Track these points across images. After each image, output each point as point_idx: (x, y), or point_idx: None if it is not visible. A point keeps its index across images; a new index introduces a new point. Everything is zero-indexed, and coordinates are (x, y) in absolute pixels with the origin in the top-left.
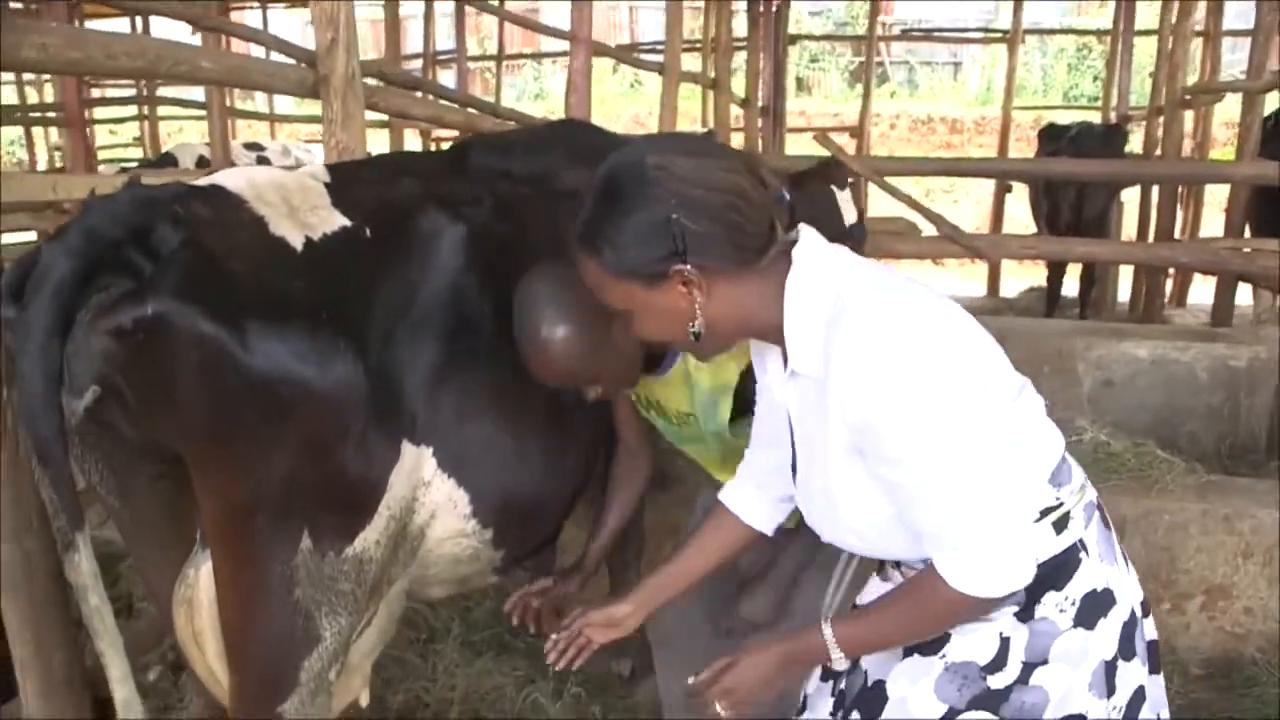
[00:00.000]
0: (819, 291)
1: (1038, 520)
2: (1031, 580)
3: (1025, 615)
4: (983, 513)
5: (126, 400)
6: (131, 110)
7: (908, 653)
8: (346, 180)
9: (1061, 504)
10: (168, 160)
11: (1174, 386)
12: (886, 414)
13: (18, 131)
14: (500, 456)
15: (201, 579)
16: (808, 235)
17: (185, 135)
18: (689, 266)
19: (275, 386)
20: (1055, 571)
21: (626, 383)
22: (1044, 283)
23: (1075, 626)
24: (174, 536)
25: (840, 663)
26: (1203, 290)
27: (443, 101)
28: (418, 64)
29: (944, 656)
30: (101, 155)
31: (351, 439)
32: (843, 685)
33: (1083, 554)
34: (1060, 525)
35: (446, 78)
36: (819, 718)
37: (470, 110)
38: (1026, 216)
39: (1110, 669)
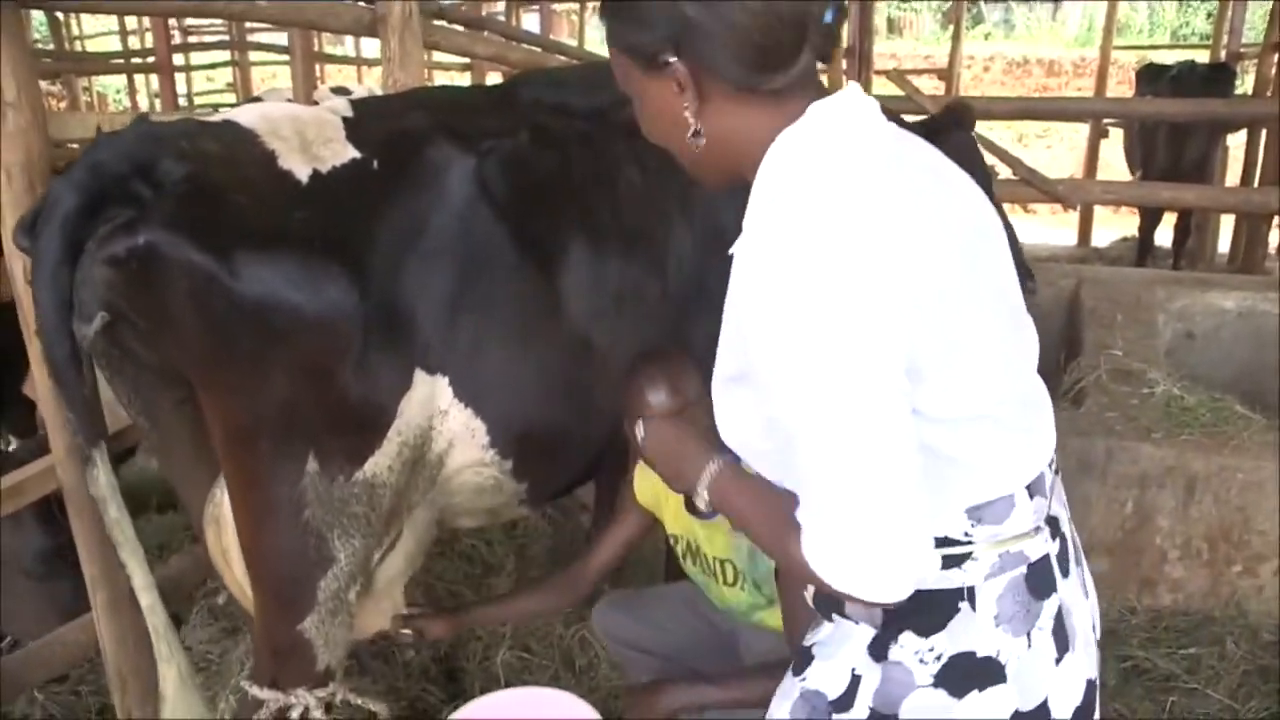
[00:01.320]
0: (799, 148)
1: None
2: (890, 611)
3: (878, 653)
4: (854, 487)
5: (135, 324)
6: (225, 56)
7: (791, 669)
8: (366, 114)
9: (970, 541)
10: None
11: (1262, 340)
12: (763, 329)
13: (122, 79)
14: (520, 389)
15: (226, 498)
16: (847, 94)
17: (278, 80)
18: (678, 60)
19: (266, 312)
20: (922, 610)
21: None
22: (1137, 232)
23: (935, 686)
24: (201, 458)
25: (702, 497)
26: None
27: (507, 41)
28: (501, 5)
29: (804, 680)
30: (198, 100)
31: (350, 363)
32: None
33: (964, 604)
34: (950, 561)
35: (530, 19)
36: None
37: (532, 48)
38: (1123, 163)
39: None
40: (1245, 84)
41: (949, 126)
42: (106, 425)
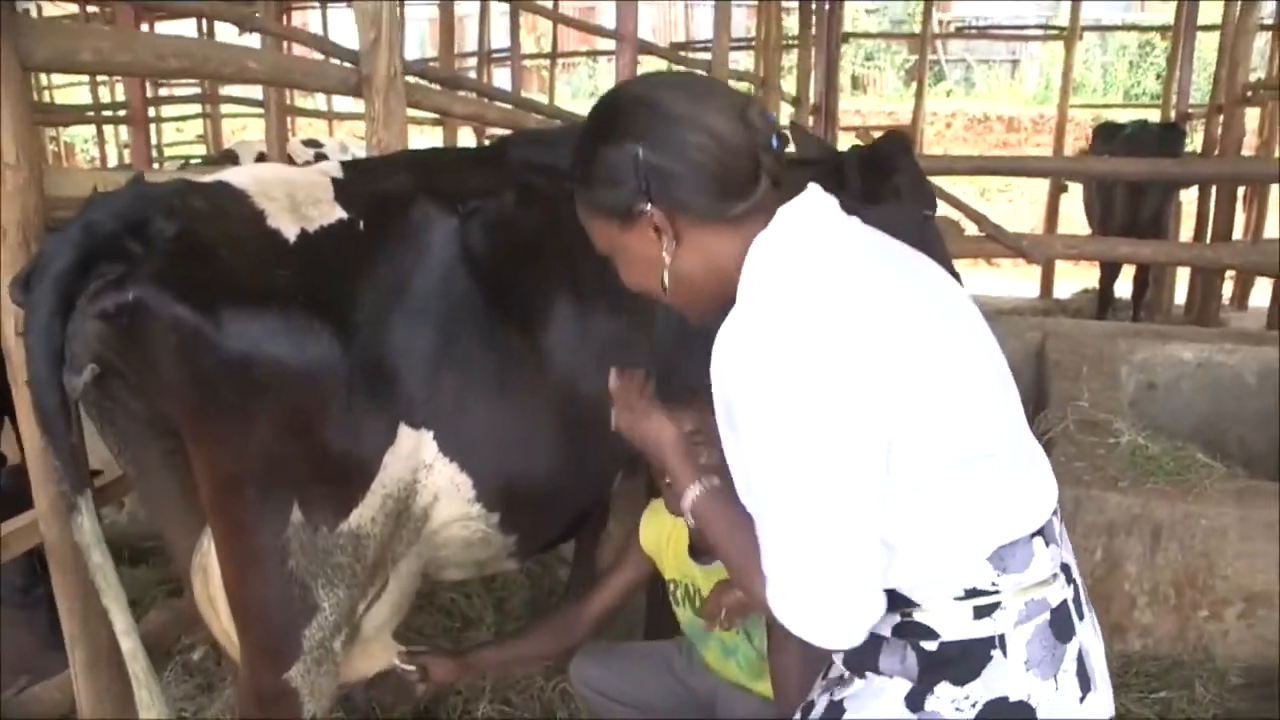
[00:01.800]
0: (771, 251)
1: (960, 599)
2: (925, 655)
3: (914, 704)
4: (810, 555)
5: (126, 377)
6: (196, 108)
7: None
8: (355, 176)
9: (997, 590)
10: (229, 157)
11: (1221, 390)
12: (739, 391)
13: (91, 130)
14: (505, 443)
15: (213, 547)
16: (809, 196)
17: (248, 132)
18: (652, 207)
19: (251, 366)
20: (957, 660)
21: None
22: (1098, 285)
23: None
24: (190, 507)
25: (688, 518)
26: (1266, 293)
27: (484, 100)
28: (473, 62)
29: None
30: (168, 152)
31: (333, 417)
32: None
33: (996, 652)
34: (982, 612)
35: (502, 76)
36: None
37: (507, 107)
38: (1083, 217)
39: None
40: (1195, 142)
41: (895, 153)
42: (90, 476)
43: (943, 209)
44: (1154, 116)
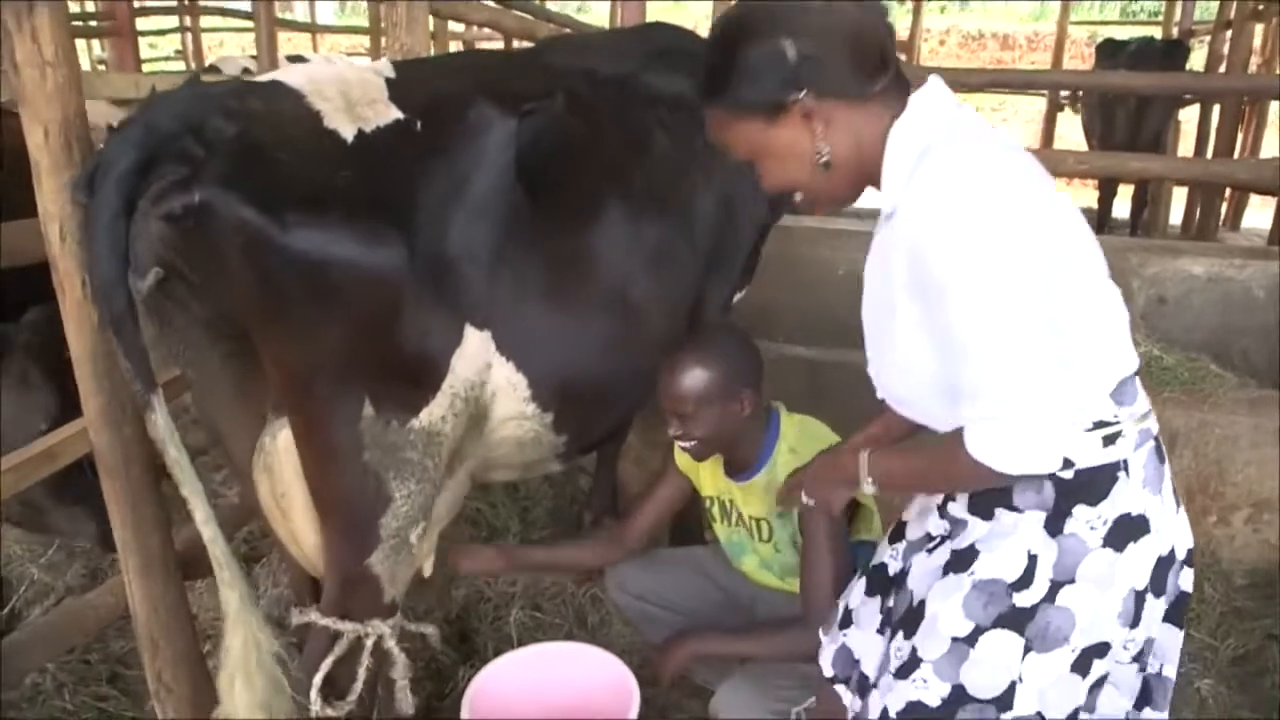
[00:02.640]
0: (918, 133)
1: (1090, 430)
2: (1062, 484)
3: (1054, 529)
4: (1021, 380)
5: (188, 279)
6: (174, 21)
7: (945, 570)
8: (408, 76)
9: (1118, 421)
10: (211, 72)
11: (1229, 304)
12: (941, 245)
13: None
14: (559, 342)
15: (280, 445)
16: (930, 87)
17: (225, 49)
18: (806, 93)
19: (316, 268)
20: (1091, 485)
21: (707, 445)
22: (1094, 204)
23: (1104, 546)
24: (249, 409)
25: (868, 487)
26: (1258, 215)
27: (496, 5)
28: None
29: (972, 574)
30: (144, 69)
31: (404, 319)
32: (890, 602)
33: (1122, 474)
34: (1109, 440)
35: None
36: (864, 633)
37: (524, 16)
38: (1077, 136)
39: (1139, 600)
40: (1196, 60)
41: None
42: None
43: None
44: (1155, 34)
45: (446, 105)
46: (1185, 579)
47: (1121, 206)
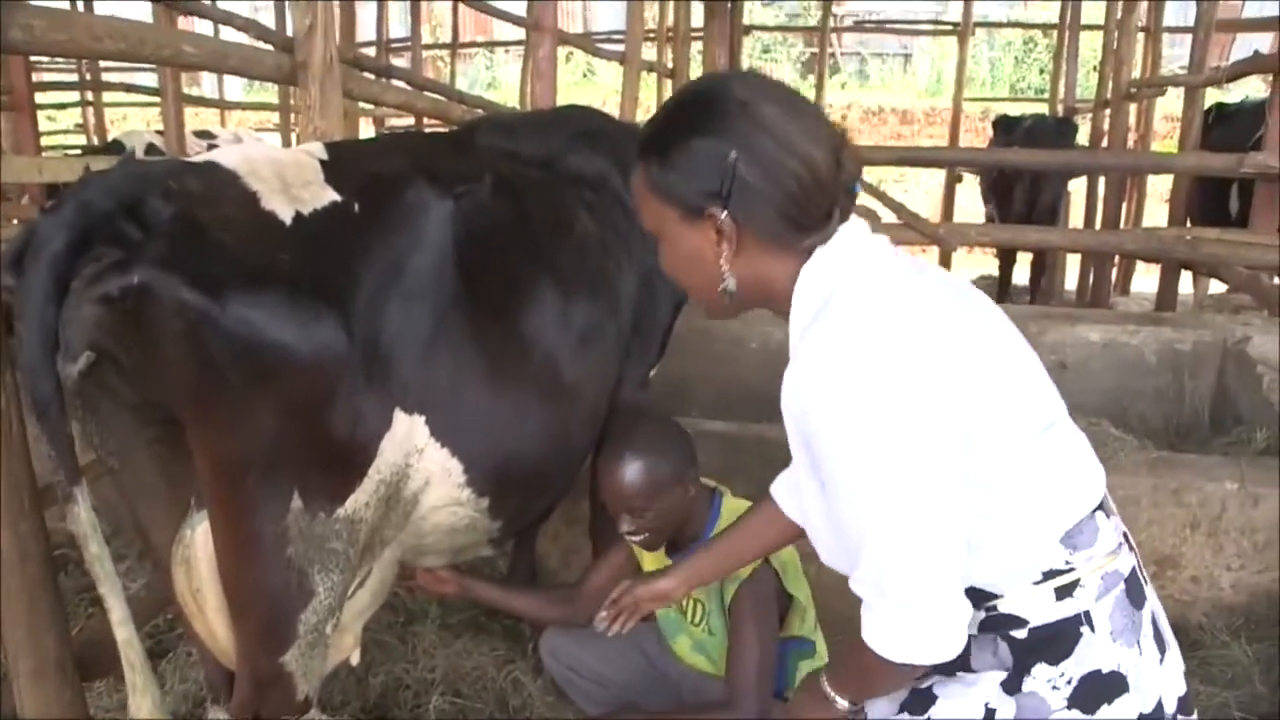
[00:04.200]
0: (823, 282)
1: (1039, 583)
2: (1017, 644)
3: (1012, 687)
4: (909, 569)
5: (120, 364)
6: (74, 95)
7: (901, 709)
8: (342, 157)
9: (1072, 569)
10: (116, 147)
11: (1124, 369)
12: (823, 427)
13: None
14: (495, 427)
15: (198, 539)
16: (851, 225)
17: (129, 123)
18: (725, 215)
19: (257, 352)
20: (1049, 643)
21: (656, 536)
22: (995, 271)
23: (1069, 708)
24: (171, 498)
25: (841, 704)
26: (1144, 280)
27: (409, 88)
28: (371, 51)
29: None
30: (43, 142)
31: (338, 404)
32: None
33: (1084, 628)
34: (1063, 592)
35: (399, 65)
36: None
37: (435, 97)
38: (975, 206)
39: None
40: (1080, 136)
41: None
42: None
43: (860, 198)
44: (1042, 110)
45: (383, 186)
46: None
47: (1020, 273)
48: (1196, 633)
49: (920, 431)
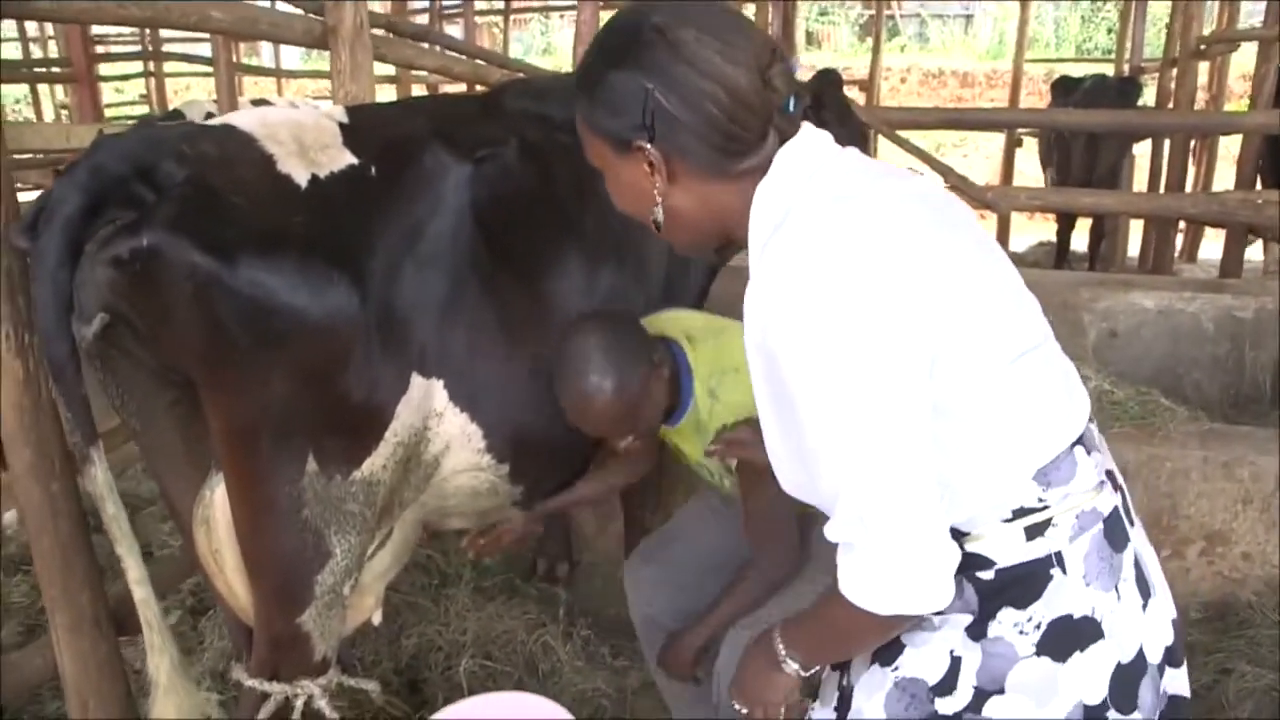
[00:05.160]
0: (778, 200)
1: (1009, 520)
2: (982, 585)
3: (977, 632)
4: (893, 495)
5: (134, 326)
6: (137, 66)
7: (871, 658)
8: (362, 121)
9: (1045, 506)
10: (175, 117)
11: (1179, 337)
12: (786, 345)
13: (23, 89)
14: (515, 392)
15: (216, 499)
16: (802, 138)
17: (192, 93)
18: (650, 146)
19: (268, 315)
20: (1016, 585)
21: (653, 431)
22: (1053, 237)
23: (1038, 655)
24: (192, 459)
25: (791, 666)
26: (1214, 246)
27: (450, 53)
28: (424, 19)
29: (896, 669)
30: (108, 113)
31: (351, 367)
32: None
33: (1055, 570)
34: (1034, 531)
35: (453, 32)
36: (823, 716)
37: (478, 62)
38: (1037, 172)
39: (1094, 716)
40: (1148, 98)
41: (825, 91)
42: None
43: (908, 162)
44: (1107, 71)
45: (401, 150)
46: (1174, 682)
47: (1080, 239)
48: (1246, 611)
49: (885, 346)
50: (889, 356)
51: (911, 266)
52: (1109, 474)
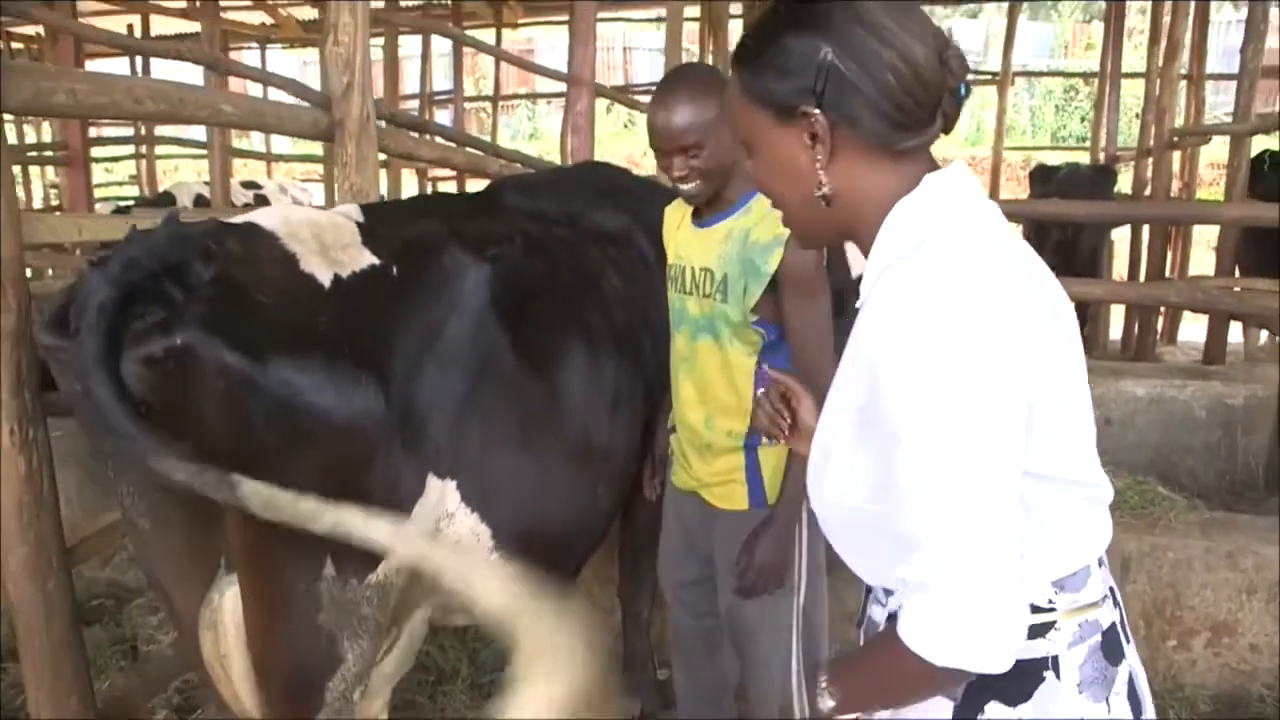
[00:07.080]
0: (920, 219)
1: None
2: (973, 681)
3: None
4: (981, 543)
5: (160, 422)
6: (128, 149)
7: None
8: (378, 220)
9: (1052, 609)
10: (166, 199)
11: (1173, 424)
12: (895, 379)
13: (14, 170)
14: (525, 492)
15: (226, 603)
16: (954, 171)
17: (180, 174)
18: (819, 112)
19: (296, 415)
20: (1008, 681)
21: (709, 186)
22: None
23: None
24: (200, 560)
25: (828, 703)
26: (1192, 328)
27: (447, 143)
28: (414, 104)
29: None
30: (98, 194)
31: (373, 468)
32: None
33: (1049, 674)
34: (1036, 631)
35: (442, 118)
36: None
37: (473, 151)
38: None
39: None
40: (1122, 184)
41: None
42: None
43: None
44: (1083, 158)
45: (421, 250)
46: None
47: None
48: (1257, 705)
49: (1001, 403)
50: (1002, 415)
51: (1031, 333)
52: (1111, 589)
